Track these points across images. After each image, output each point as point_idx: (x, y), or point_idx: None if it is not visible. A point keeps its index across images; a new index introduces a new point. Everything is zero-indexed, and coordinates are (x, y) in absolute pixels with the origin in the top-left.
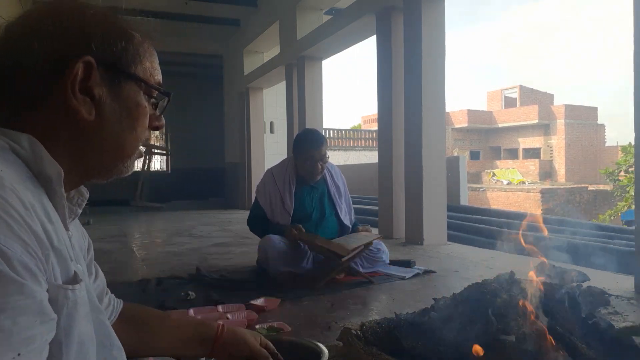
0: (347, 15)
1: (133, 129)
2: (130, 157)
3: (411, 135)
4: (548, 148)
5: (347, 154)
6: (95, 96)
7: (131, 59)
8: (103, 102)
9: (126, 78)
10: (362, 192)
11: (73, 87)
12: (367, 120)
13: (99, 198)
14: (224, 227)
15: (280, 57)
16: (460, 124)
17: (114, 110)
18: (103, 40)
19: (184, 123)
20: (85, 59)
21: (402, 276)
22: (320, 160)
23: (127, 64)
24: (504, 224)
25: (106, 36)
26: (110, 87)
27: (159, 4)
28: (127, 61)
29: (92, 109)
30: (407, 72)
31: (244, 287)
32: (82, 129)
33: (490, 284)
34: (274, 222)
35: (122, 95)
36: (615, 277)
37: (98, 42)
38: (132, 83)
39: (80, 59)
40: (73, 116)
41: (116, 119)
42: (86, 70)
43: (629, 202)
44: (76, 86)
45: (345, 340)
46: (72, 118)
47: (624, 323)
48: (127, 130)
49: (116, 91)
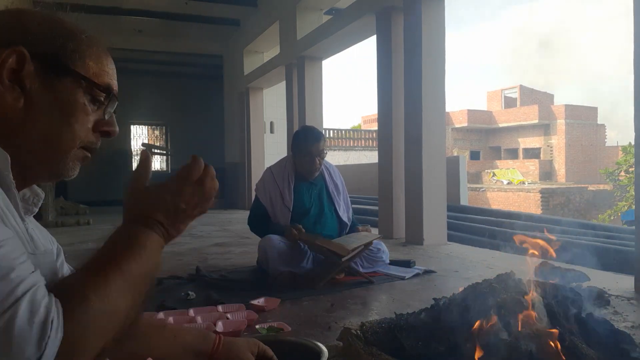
0: (347, 15)
1: (67, 124)
2: (66, 154)
3: (411, 135)
4: (548, 148)
5: (347, 154)
6: (26, 86)
7: (70, 56)
8: (34, 93)
9: (63, 73)
10: (362, 192)
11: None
12: (367, 120)
13: (99, 198)
14: (224, 227)
15: (280, 57)
16: (460, 124)
17: (46, 103)
18: (40, 35)
19: (184, 123)
20: (17, 48)
21: (402, 276)
22: (318, 156)
23: (65, 59)
24: (504, 224)
25: (44, 31)
26: (44, 80)
27: (159, 4)
28: (66, 57)
29: (20, 97)
30: (407, 72)
31: (244, 287)
32: (11, 118)
33: (490, 284)
34: (275, 219)
35: (56, 88)
36: (615, 277)
37: (34, 35)
38: (70, 79)
39: (11, 49)
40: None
41: (47, 111)
42: (19, 61)
43: (629, 202)
44: (3, 74)
45: (345, 340)
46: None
47: (624, 323)
48: (59, 124)
49: (51, 84)
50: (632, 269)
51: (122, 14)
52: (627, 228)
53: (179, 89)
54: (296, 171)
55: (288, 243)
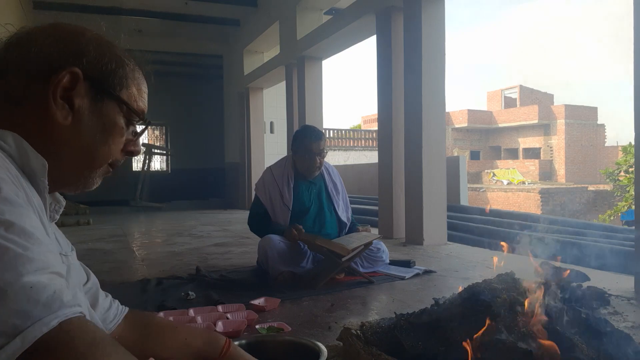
0: (347, 15)
1: (105, 144)
2: (98, 169)
3: (411, 135)
4: (548, 148)
5: (347, 154)
6: (75, 105)
7: (118, 82)
8: (82, 113)
9: (109, 97)
10: (362, 192)
11: (54, 92)
12: (367, 120)
13: (99, 198)
14: (224, 227)
15: (280, 57)
16: (460, 124)
17: (91, 123)
18: (95, 59)
19: (184, 123)
20: (73, 69)
21: (402, 276)
22: (318, 155)
23: (114, 85)
24: (504, 224)
25: (99, 56)
26: (92, 101)
27: (159, 4)
28: (114, 83)
29: (69, 115)
30: (407, 72)
31: (244, 287)
32: (57, 132)
33: (490, 284)
34: (274, 219)
35: (102, 111)
36: (615, 277)
37: (90, 58)
38: (114, 103)
39: (68, 69)
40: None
41: (91, 131)
42: (72, 81)
43: (629, 202)
44: (57, 92)
45: (345, 340)
46: (50, 121)
47: (624, 323)
48: (99, 143)
49: (97, 106)
50: (632, 269)
51: (122, 14)
52: (627, 228)
53: (179, 89)
54: (296, 170)
55: (288, 243)
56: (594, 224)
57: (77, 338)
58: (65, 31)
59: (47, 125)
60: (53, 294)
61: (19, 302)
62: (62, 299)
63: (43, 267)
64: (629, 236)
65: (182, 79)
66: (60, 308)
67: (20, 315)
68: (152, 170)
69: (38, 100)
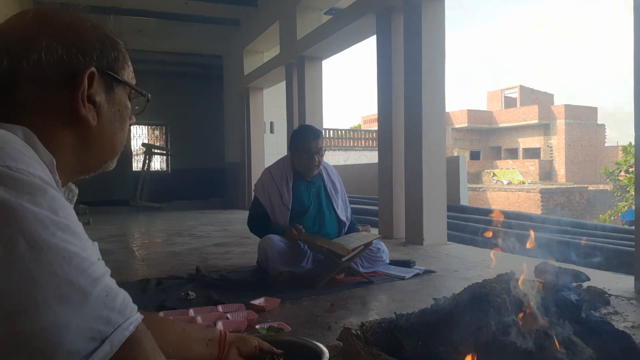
0: (347, 15)
1: (123, 130)
2: (118, 153)
3: (411, 135)
4: (548, 148)
5: (347, 154)
6: (97, 102)
7: (120, 66)
8: (102, 108)
9: (118, 83)
10: (362, 192)
11: (83, 97)
12: (367, 120)
13: (99, 198)
14: (224, 227)
15: (280, 57)
16: (460, 124)
17: (110, 114)
18: (101, 51)
19: (184, 123)
20: (90, 70)
21: (402, 276)
22: (317, 154)
23: (118, 70)
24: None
25: (103, 46)
26: (106, 92)
27: (159, 4)
28: (118, 68)
29: (95, 115)
30: (407, 72)
31: (244, 287)
32: (86, 134)
33: (490, 284)
34: (274, 219)
35: (115, 99)
36: (615, 277)
37: (98, 52)
38: (121, 87)
39: (87, 71)
40: (79, 123)
41: (112, 122)
42: (90, 80)
43: (629, 202)
44: (85, 97)
45: (345, 340)
46: (78, 125)
47: (624, 323)
48: (118, 130)
49: (111, 96)
50: (632, 269)
51: (122, 14)
52: (627, 228)
53: (179, 89)
54: (294, 170)
55: (288, 243)
56: (594, 224)
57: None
58: (62, 27)
59: (75, 130)
60: (124, 301)
61: (99, 309)
62: (130, 304)
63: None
64: (628, 236)
65: (182, 79)
66: (131, 313)
67: (102, 321)
68: (152, 170)
69: (61, 108)
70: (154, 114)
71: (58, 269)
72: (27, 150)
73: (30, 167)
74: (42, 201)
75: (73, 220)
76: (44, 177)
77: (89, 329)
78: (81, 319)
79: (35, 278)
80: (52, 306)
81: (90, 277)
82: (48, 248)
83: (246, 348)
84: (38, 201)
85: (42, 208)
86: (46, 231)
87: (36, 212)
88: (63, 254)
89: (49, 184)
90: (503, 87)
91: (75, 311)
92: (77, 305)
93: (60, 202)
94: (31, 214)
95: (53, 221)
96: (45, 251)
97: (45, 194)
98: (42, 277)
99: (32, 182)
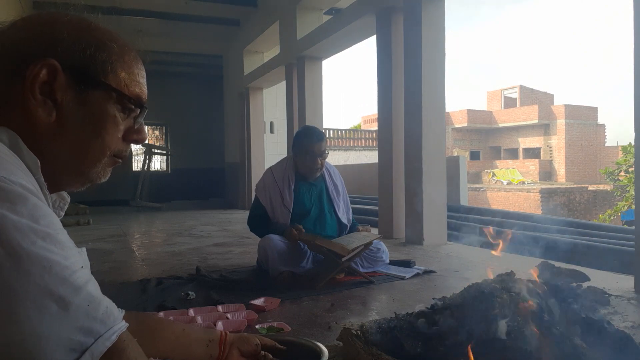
0: (347, 15)
1: (98, 136)
2: (97, 163)
3: (411, 135)
4: (548, 148)
5: (347, 154)
6: (58, 99)
7: (101, 67)
8: (66, 107)
9: (94, 85)
10: (362, 192)
11: (32, 88)
12: (367, 120)
13: (99, 198)
14: (224, 227)
15: (280, 57)
16: (460, 124)
17: (78, 116)
18: (70, 45)
19: (184, 123)
20: (49, 62)
21: (402, 276)
22: (319, 156)
23: (96, 71)
24: (504, 223)
25: (74, 42)
26: (77, 92)
27: (159, 4)
28: (96, 69)
29: (52, 111)
30: (407, 72)
31: (244, 287)
32: (44, 131)
33: (490, 284)
34: (275, 219)
35: (87, 101)
36: (615, 277)
37: (64, 47)
38: (101, 91)
39: (42, 62)
40: (33, 117)
41: (80, 125)
42: (50, 74)
43: (629, 202)
44: (35, 88)
45: (345, 340)
46: (33, 119)
47: (624, 323)
48: (91, 136)
49: (82, 97)
50: (632, 269)
51: (122, 14)
52: (627, 228)
53: (179, 89)
54: (297, 172)
55: (288, 243)
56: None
57: (129, 348)
58: (37, 21)
59: (32, 125)
60: (106, 310)
61: (80, 319)
62: (113, 313)
63: (87, 277)
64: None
65: (182, 79)
66: (114, 323)
67: (83, 331)
68: (152, 170)
69: (19, 98)
70: (154, 114)
71: (37, 278)
72: (9, 156)
73: (12, 174)
74: (22, 209)
75: (55, 228)
76: (27, 184)
77: (70, 340)
78: (61, 330)
79: (14, 288)
80: (31, 317)
81: (71, 286)
82: (27, 257)
83: (247, 348)
84: (18, 209)
85: (22, 216)
86: (26, 240)
87: (15, 221)
88: (43, 263)
89: (31, 192)
90: (503, 87)
91: (55, 322)
92: (57, 315)
93: (42, 210)
94: (10, 222)
95: (33, 229)
96: (25, 260)
97: (26, 202)
98: (21, 286)
99: (13, 190)
